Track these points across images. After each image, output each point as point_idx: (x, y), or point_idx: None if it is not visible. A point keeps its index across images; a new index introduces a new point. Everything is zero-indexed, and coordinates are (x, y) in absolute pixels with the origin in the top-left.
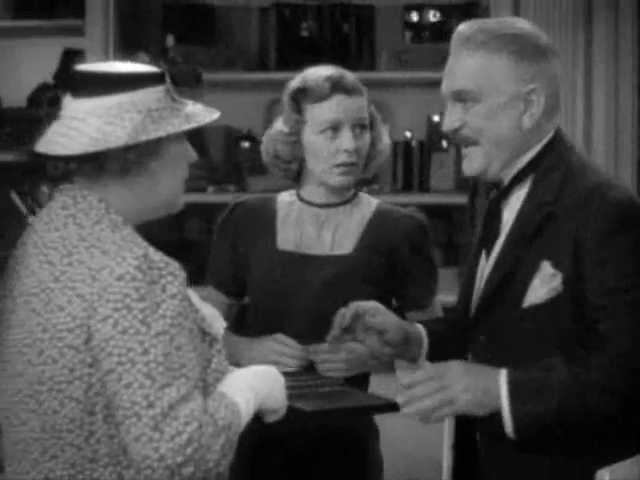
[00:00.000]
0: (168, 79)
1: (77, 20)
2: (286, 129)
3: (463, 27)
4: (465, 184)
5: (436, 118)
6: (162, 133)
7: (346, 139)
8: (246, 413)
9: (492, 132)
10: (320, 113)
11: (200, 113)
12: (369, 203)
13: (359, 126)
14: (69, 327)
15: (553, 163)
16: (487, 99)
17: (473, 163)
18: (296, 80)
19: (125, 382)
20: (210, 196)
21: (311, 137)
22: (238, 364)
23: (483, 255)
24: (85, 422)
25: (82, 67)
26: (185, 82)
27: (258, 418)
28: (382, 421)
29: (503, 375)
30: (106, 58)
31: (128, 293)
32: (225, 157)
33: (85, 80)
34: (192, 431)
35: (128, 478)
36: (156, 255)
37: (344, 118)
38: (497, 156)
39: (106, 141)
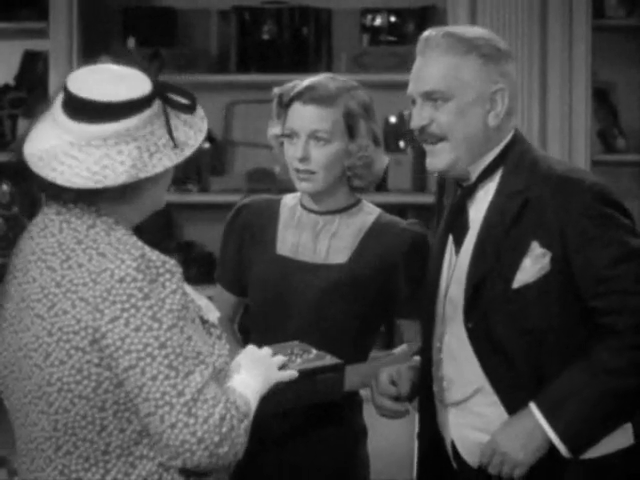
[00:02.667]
0: (162, 96)
1: (40, 23)
2: (274, 131)
3: (429, 32)
4: (422, 184)
5: (393, 119)
6: (160, 169)
7: (297, 147)
8: (254, 404)
9: (460, 128)
10: (285, 120)
11: (192, 132)
12: (370, 212)
13: (314, 137)
14: (75, 330)
15: (519, 157)
16: (457, 97)
17: (440, 159)
18: (283, 85)
19: (150, 375)
20: (172, 196)
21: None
22: None
23: (450, 250)
24: (96, 417)
25: (79, 91)
26: (177, 95)
27: None
28: (371, 419)
29: (532, 405)
30: (69, 60)
31: (132, 294)
32: None
33: (81, 106)
34: (220, 410)
35: (141, 467)
36: (153, 254)
37: (298, 127)
38: (464, 152)
39: (105, 177)
